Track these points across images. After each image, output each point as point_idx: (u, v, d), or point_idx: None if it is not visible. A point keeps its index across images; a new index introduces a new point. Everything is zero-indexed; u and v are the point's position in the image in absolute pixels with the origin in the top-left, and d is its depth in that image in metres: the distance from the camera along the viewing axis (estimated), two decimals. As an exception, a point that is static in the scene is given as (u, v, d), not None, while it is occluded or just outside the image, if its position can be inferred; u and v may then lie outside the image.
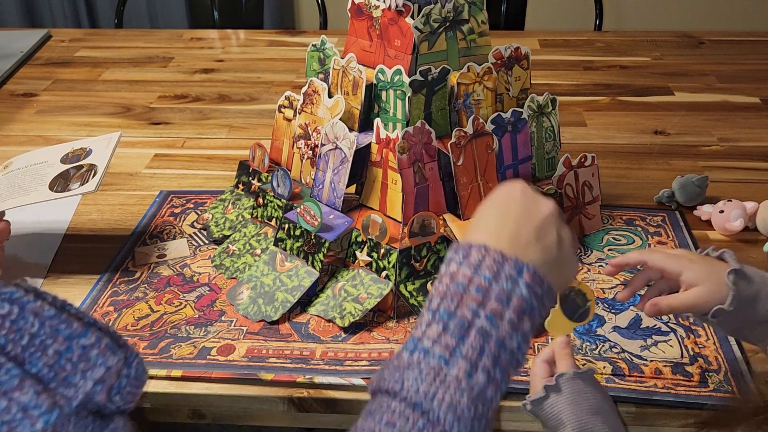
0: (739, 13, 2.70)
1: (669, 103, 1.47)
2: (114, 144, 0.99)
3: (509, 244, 0.55)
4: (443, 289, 0.53)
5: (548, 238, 0.57)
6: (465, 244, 0.55)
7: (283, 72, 1.64)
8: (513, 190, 0.60)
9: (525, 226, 0.57)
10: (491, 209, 0.59)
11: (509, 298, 0.52)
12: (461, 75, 0.94)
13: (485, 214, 0.59)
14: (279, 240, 0.95)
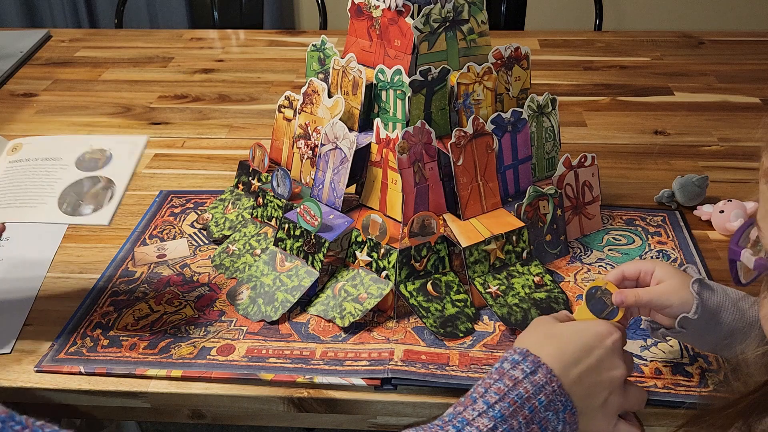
0: (739, 13, 2.70)
1: (669, 103, 1.47)
2: (139, 153, 0.88)
3: (570, 381, 0.61)
4: (504, 389, 0.59)
5: (600, 396, 0.63)
6: (535, 359, 0.61)
7: (283, 72, 1.64)
8: (606, 338, 0.65)
9: (592, 375, 0.63)
10: (579, 338, 0.65)
11: (546, 427, 0.59)
12: (461, 75, 0.94)
13: (569, 337, 0.64)
14: (279, 240, 0.95)
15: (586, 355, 0.63)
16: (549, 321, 0.69)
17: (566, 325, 0.67)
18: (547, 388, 0.59)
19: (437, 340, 0.85)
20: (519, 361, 0.60)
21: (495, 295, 0.89)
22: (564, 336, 0.64)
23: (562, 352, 0.62)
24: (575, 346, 0.64)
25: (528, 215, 0.95)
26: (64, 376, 0.82)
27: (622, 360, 0.66)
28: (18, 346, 0.87)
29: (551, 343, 0.63)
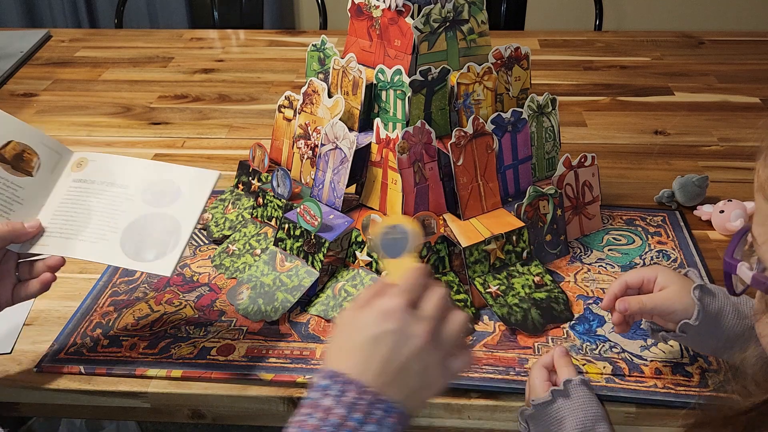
0: (739, 13, 2.70)
1: (669, 103, 1.47)
2: (208, 192, 0.81)
3: (381, 382, 0.56)
4: (318, 424, 0.54)
5: (414, 373, 0.58)
6: (342, 378, 0.56)
7: (283, 72, 1.64)
8: (388, 316, 0.58)
9: (394, 363, 0.57)
10: (367, 332, 0.58)
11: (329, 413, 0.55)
12: (461, 75, 0.94)
13: (362, 337, 0.58)
14: (279, 240, 0.95)
15: (378, 347, 0.58)
16: (349, 318, 0.61)
17: (357, 321, 0.60)
18: (360, 404, 0.55)
19: (437, 340, 0.85)
20: (328, 386, 0.56)
21: (495, 295, 0.89)
22: (358, 339, 0.59)
23: (364, 358, 0.58)
24: (368, 344, 0.58)
25: (528, 215, 0.95)
26: (64, 376, 0.82)
27: (416, 322, 0.59)
28: (18, 346, 0.87)
29: (351, 351, 0.58)
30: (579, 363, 0.82)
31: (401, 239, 0.67)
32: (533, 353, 0.83)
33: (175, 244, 0.78)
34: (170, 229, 0.79)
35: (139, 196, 0.82)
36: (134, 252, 0.78)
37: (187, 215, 0.80)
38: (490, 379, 0.80)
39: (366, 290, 0.62)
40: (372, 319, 0.59)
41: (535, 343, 0.85)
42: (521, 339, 0.86)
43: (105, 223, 0.80)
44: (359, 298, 0.61)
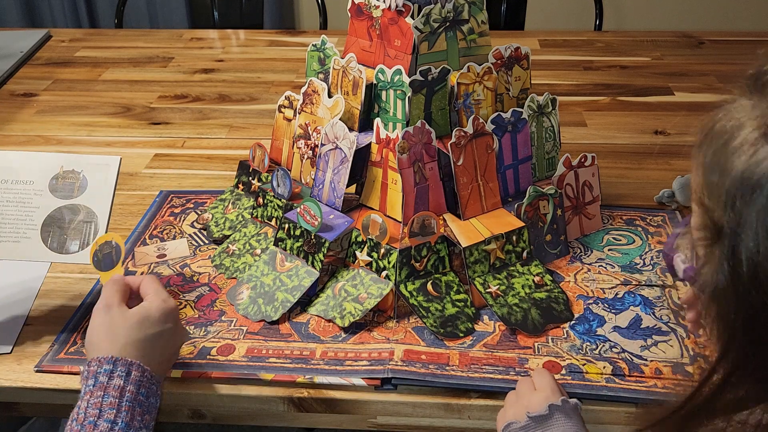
0: (739, 13, 2.70)
1: (669, 103, 1.46)
2: (114, 177, 0.84)
3: (154, 362, 0.75)
4: (115, 401, 0.69)
5: (158, 348, 0.76)
6: (125, 360, 0.72)
7: (283, 72, 1.64)
8: (99, 316, 0.77)
9: (143, 341, 0.75)
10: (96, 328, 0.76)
11: (152, 411, 0.72)
12: (461, 75, 0.94)
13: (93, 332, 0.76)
14: (279, 240, 0.95)
15: (107, 329, 0.75)
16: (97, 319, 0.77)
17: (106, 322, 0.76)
18: (144, 380, 0.71)
19: (437, 340, 0.85)
20: (112, 370, 0.71)
21: (495, 295, 0.89)
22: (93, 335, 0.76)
23: (133, 341, 0.74)
24: (101, 332, 0.75)
25: (528, 215, 0.95)
26: (64, 376, 0.82)
27: (124, 315, 0.76)
28: (18, 346, 0.87)
29: (113, 337, 0.74)
30: (579, 363, 0.82)
31: (110, 253, 0.82)
32: (533, 353, 0.83)
33: (96, 233, 0.84)
34: (86, 218, 0.84)
35: (47, 189, 0.84)
36: (58, 246, 0.84)
37: (100, 203, 0.84)
38: (490, 379, 0.80)
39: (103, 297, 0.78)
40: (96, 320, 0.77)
41: (535, 343, 0.85)
42: (521, 339, 0.86)
43: (21, 221, 0.83)
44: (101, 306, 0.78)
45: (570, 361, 0.82)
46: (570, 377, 0.80)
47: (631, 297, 0.92)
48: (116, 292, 0.78)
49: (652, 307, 0.90)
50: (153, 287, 0.79)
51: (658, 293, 0.92)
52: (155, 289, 0.79)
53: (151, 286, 0.79)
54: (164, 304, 0.77)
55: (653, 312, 0.89)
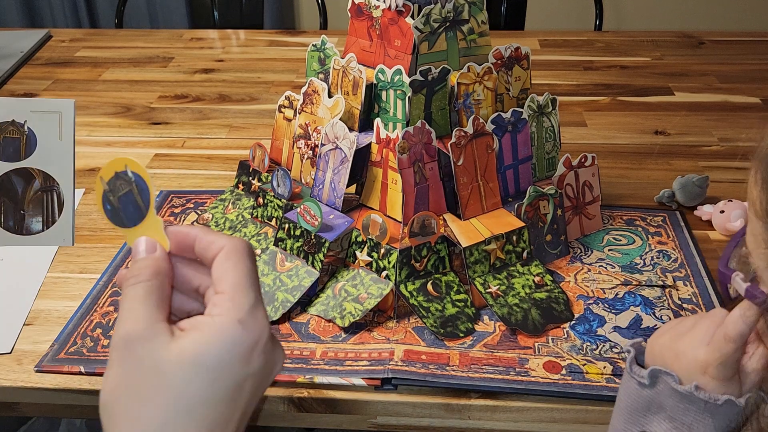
0: (739, 13, 2.70)
1: (669, 103, 1.46)
2: (71, 128, 0.61)
3: (161, 424, 0.44)
4: None
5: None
6: None
7: (283, 72, 1.64)
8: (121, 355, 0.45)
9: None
10: (117, 384, 0.45)
11: None
12: (461, 75, 0.94)
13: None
14: (279, 240, 0.95)
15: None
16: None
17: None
18: None
19: (437, 340, 0.85)
20: None
21: (495, 295, 0.89)
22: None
23: (187, 407, 0.44)
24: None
25: (528, 215, 0.95)
26: (64, 376, 0.82)
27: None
28: (18, 346, 0.87)
29: (151, 403, 0.44)
30: (579, 363, 0.82)
31: (130, 193, 0.50)
32: (533, 353, 0.83)
33: (62, 206, 0.61)
34: (44, 186, 0.62)
35: None
36: (17, 227, 0.62)
37: (59, 164, 0.62)
38: (490, 379, 0.80)
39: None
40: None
41: (535, 343, 0.85)
42: (521, 339, 0.86)
43: None
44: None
45: (570, 361, 0.82)
46: (570, 377, 0.80)
47: (632, 297, 0.92)
48: (150, 293, 0.46)
49: (653, 307, 0.90)
50: (231, 276, 0.46)
51: (659, 293, 0.92)
52: (234, 283, 0.46)
53: (228, 274, 0.46)
54: (250, 323, 0.45)
55: (653, 312, 0.89)
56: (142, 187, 0.50)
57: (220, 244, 0.47)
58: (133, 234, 0.50)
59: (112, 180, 0.51)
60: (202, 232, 0.49)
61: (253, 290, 0.46)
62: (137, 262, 0.49)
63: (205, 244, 0.48)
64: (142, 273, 0.47)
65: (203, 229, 0.49)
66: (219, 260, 0.47)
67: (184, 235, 0.49)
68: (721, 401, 0.60)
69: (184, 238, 0.49)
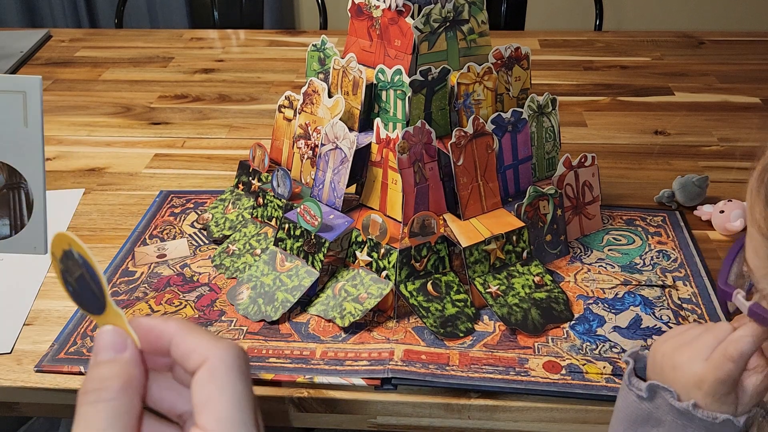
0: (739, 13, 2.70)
1: (669, 103, 1.47)
2: (38, 111, 0.48)
3: None
4: None
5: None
6: None
7: (283, 72, 1.64)
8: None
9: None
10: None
11: None
12: (461, 75, 0.94)
13: None
14: (279, 240, 0.95)
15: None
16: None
17: None
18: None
19: (437, 340, 0.85)
20: None
21: (495, 295, 0.89)
22: None
23: None
24: None
25: (528, 215, 0.95)
26: (64, 376, 0.82)
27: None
28: (18, 346, 0.87)
29: None
30: (579, 363, 0.82)
31: (82, 278, 0.41)
32: (533, 353, 0.83)
33: (31, 205, 0.50)
34: (10, 182, 0.49)
35: None
36: None
37: (26, 156, 0.49)
38: (490, 379, 0.80)
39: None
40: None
41: (535, 343, 0.85)
42: (521, 339, 0.86)
43: None
44: None
45: (570, 361, 0.82)
46: (570, 377, 0.80)
47: (631, 297, 0.92)
48: (116, 418, 0.35)
49: (652, 307, 0.90)
50: (215, 408, 0.35)
51: (658, 293, 0.92)
52: (220, 417, 0.35)
53: (211, 404, 0.35)
54: None
55: (653, 312, 0.89)
56: (92, 273, 0.40)
57: (202, 355, 0.35)
58: (101, 321, 0.40)
59: (64, 258, 0.41)
60: (181, 330, 0.37)
61: (246, 426, 0.34)
62: (99, 366, 0.37)
63: (183, 351, 0.37)
64: (106, 386, 0.36)
65: (181, 327, 0.37)
66: (200, 379, 0.35)
67: (157, 334, 0.38)
68: (720, 420, 0.59)
69: (157, 339, 0.38)
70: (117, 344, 0.38)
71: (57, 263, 0.42)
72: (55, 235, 0.41)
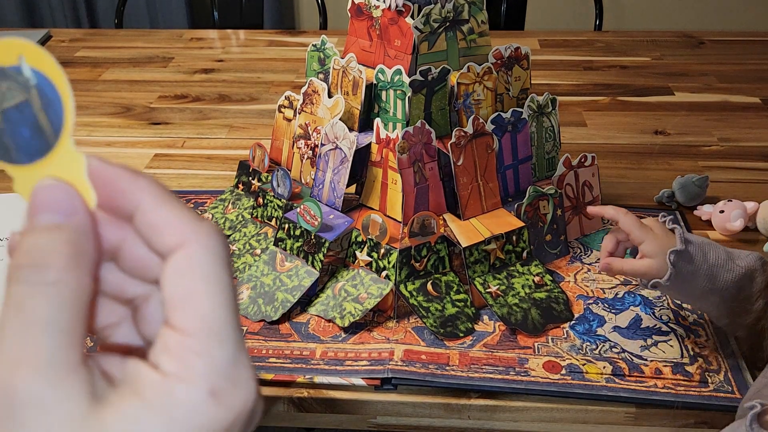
0: (739, 13, 2.70)
1: (669, 103, 1.46)
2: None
3: None
4: None
5: None
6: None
7: (283, 72, 1.64)
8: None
9: None
10: None
11: None
12: (461, 75, 0.94)
13: None
14: (279, 240, 0.95)
15: None
16: None
17: None
18: None
19: (437, 340, 0.85)
20: None
21: (495, 295, 0.89)
22: None
23: None
24: None
25: (528, 215, 0.95)
26: (64, 376, 0.82)
27: None
28: (18, 346, 0.87)
29: None
30: (579, 363, 0.82)
31: (26, 105, 0.29)
32: (533, 353, 0.83)
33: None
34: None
35: None
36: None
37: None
38: (490, 379, 0.80)
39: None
40: None
41: (535, 343, 0.85)
42: (521, 339, 0.86)
43: None
44: None
45: (570, 361, 0.82)
46: (570, 377, 0.80)
47: (631, 297, 0.92)
48: (62, 307, 0.26)
49: (652, 307, 0.90)
50: (200, 305, 0.27)
51: (658, 293, 0.92)
52: (206, 318, 0.27)
53: (194, 300, 0.27)
54: (228, 395, 0.26)
55: (653, 312, 0.89)
56: (50, 96, 0.30)
57: (180, 236, 0.27)
58: (26, 175, 0.28)
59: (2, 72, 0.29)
60: (153, 196, 0.28)
61: (233, 329, 0.27)
62: (37, 233, 0.27)
63: (153, 223, 0.28)
64: (48, 262, 0.26)
65: (154, 191, 0.28)
66: (178, 267, 0.27)
67: (119, 190, 0.28)
68: None
69: (118, 195, 0.28)
70: (64, 204, 0.27)
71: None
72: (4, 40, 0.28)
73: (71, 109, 0.29)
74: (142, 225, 0.28)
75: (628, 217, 0.81)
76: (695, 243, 0.78)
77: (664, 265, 0.77)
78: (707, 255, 0.77)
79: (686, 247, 0.77)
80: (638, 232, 0.80)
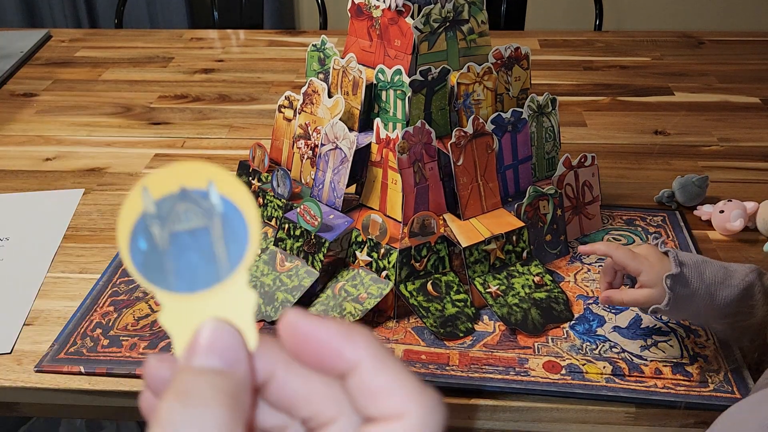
0: (739, 13, 2.70)
1: (669, 103, 1.47)
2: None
3: None
4: None
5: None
6: None
7: (283, 72, 1.64)
8: None
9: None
10: None
11: None
12: (461, 75, 0.94)
13: None
14: (279, 240, 0.95)
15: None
16: None
17: None
18: None
19: (437, 340, 0.85)
20: None
21: (495, 295, 0.89)
22: None
23: None
24: None
25: (528, 215, 0.95)
26: (64, 376, 0.82)
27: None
28: (18, 346, 0.87)
29: None
30: (579, 363, 0.82)
31: (204, 232, 0.28)
32: (533, 353, 0.83)
33: None
34: None
35: None
36: None
37: None
38: (490, 379, 0.80)
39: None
40: None
41: (535, 343, 0.85)
42: (521, 339, 0.86)
43: None
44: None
45: (570, 361, 0.82)
46: (570, 377, 0.80)
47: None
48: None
49: (652, 307, 0.90)
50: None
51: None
52: None
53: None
54: None
55: (653, 312, 0.89)
56: (236, 226, 0.27)
57: (399, 407, 0.27)
58: (181, 305, 0.27)
59: (168, 200, 0.28)
60: (372, 360, 0.27)
61: None
62: (194, 374, 0.25)
63: (370, 390, 0.27)
64: (205, 395, 0.25)
65: (374, 354, 0.27)
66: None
67: (326, 350, 0.26)
68: None
69: (325, 355, 0.26)
70: (230, 352, 0.25)
71: (144, 202, 0.27)
72: (185, 163, 0.28)
73: (256, 243, 0.27)
74: (358, 388, 0.26)
75: (620, 251, 0.81)
76: (690, 264, 0.77)
77: (664, 292, 0.77)
78: (703, 275, 0.77)
79: (681, 269, 0.76)
80: (633, 264, 0.79)
